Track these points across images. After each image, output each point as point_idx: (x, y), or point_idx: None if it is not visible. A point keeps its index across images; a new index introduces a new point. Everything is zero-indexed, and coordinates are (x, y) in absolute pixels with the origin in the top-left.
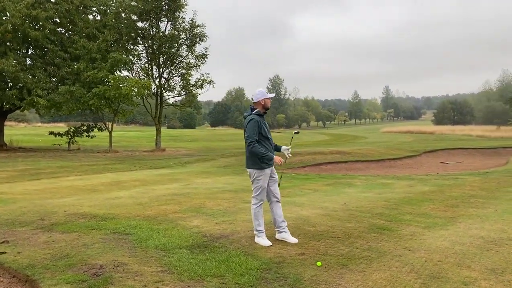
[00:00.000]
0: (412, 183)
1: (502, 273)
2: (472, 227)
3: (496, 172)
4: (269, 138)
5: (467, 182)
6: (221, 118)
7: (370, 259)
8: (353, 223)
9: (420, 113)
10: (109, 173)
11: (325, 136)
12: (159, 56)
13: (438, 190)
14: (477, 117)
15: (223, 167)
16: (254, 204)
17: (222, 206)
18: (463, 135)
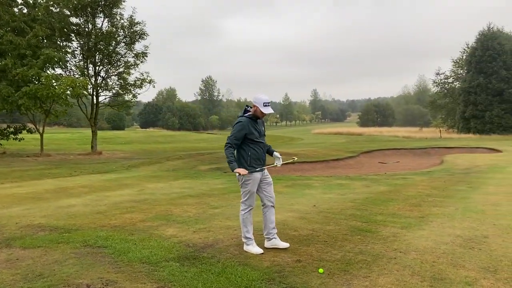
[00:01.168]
0: (367, 183)
1: (496, 271)
2: (445, 226)
3: (437, 171)
4: (259, 141)
5: (416, 181)
6: (151, 119)
7: (367, 263)
8: (332, 226)
9: (346, 115)
10: (49, 179)
11: None
12: (95, 53)
13: (394, 190)
14: (397, 119)
15: (172, 170)
16: (243, 210)
17: (191, 212)
18: (390, 136)
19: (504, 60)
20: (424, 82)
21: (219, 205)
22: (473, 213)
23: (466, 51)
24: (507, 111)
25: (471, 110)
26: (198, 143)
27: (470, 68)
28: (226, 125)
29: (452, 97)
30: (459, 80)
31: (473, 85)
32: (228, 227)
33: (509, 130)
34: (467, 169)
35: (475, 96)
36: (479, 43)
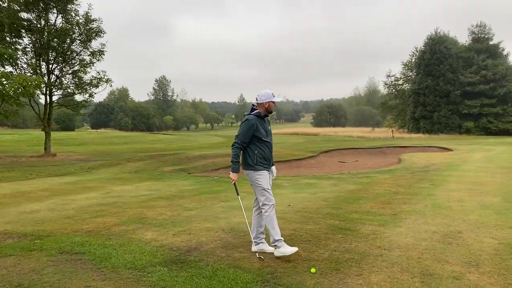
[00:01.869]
0: (334, 182)
1: (478, 265)
2: (419, 223)
3: (398, 170)
4: (267, 141)
5: (380, 180)
6: (103, 119)
7: (356, 261)
8: (312, 225)
9: (300, 116)
10: (3, 183)
11: (221, 138)
12: (48, 51)
13: (362, 188)
14: (349, 120)
15: (135, 172)
16: (266, 211)
17: (166, 215)
18: (345, 136)
19: (450, 63)
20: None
21: (193, 207)
22: (442, 209)
23: (415, 54)
24: (453, 111)
25: (421, 111)
26: (155, 144)
27: (419, 70)
28: (180, 125)
29: (402, 99)
30: (408, 82)
31: (422, 86)
32: (208, 229)
33: (455, 130)
34: (425, 167)
35: (424, 98)
36: (427, 47)
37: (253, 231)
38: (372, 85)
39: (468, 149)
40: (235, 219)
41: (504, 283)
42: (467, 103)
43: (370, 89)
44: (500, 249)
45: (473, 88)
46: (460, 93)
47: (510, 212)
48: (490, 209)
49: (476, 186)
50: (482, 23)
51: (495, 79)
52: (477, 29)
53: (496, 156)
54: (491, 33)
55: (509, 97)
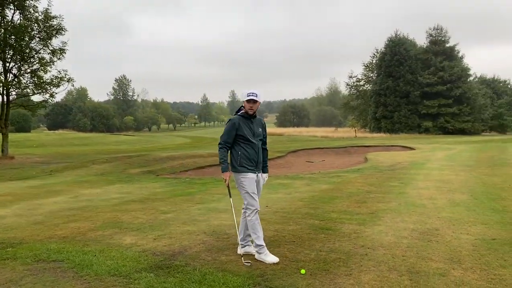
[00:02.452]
0: (307, 182)
1: (460, 261)
2: (397, 221)
3: (366, 169)
4: (252, 141)
5: (351, 179)
6: (60, 120)
7: (343, 261)
8: (293, 226)
9: (263, 116)
10: None
11: (186, 139)
12: (5, 49)
13: (335, 187)
14: (312, 120)
15: (101, 174)
16: (249, 216)
17: (142, 219)
18: (310, 136)
19: (409, 64)
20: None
21: (169, 210)
22: (416, 207)
23: (376, 56)
24: (413, 111)
25: (382, 111)
26: (118, 145)
27: (380, 71)
28: (141, 126)
29: (364, 99)
30: (370, 83)
31: (383, 87)
32: (189, 232)
33: (415, 129)
34: (392, 166)
35: (385, 98)
36: (388, 49)
37: (240, 233)
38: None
39: (429, 148)
40: (215, 221)
41: (487, 278)
42: (426, 104)
43: (331, 90)
44: (477, 244)
45: (431, 89)
46: (419, 94)
47: (479, 208)
48: (461, 206)
49: (443, 184)
50: (439, 26)
51: (452, 80)
52: (434, 32)
53: (457, 155)
54: (447, 36)
55: (464, 98)
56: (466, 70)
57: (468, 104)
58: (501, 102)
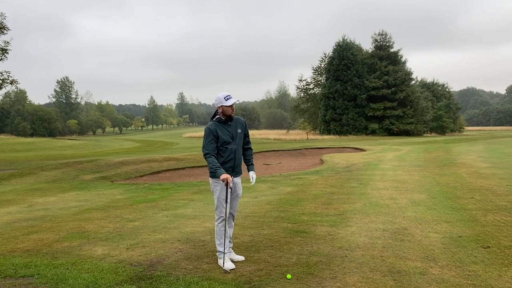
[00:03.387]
0: (271, 185)
1: (435, 260)
2: (366, 222)
3: (324, 170)
4: (230, 146)
5: (312, 181)
6: None
7: (325, 264)
8: (268, 230)
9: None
10: None
11: (135, 143)
12: None
13: (299, 190)
14: (262, 123)
15: (53, 182)
16: (216, 221)
17: (109, 227)
18: (262, 139)
19: (356, 69)
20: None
21: (135, 218)
22: (381, 208)
23: (324, 60)
24: (360, 114)
25: (331, 114)
26: (64, 150)
27: (329, 75)
28: (86, 129)
29: (314, 102)
30: (319, 86)
31: (332, 91)
32: (162, 240)
33: (362, 131)
34: (348, 167)
35: (333, 101)
36: (336, 53)
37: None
38: (282, 89)
39: (379, 149)
40: (187, 228)
41: (464, 275)
42: (372, 106)
43: (281, 93)
44: (447, 242)
45: (377, 92)
46: (366, 97)
47: (439, 207)
48: (422, 206)
49: (400, 184)
50: (383, 31)
51: (396, 84)
52: (379, 37)
53: (406, 155)
54: (391, 41)
55: (408, 101)
56: (409, 74)
57: (411, 107)
58: (440, 104)
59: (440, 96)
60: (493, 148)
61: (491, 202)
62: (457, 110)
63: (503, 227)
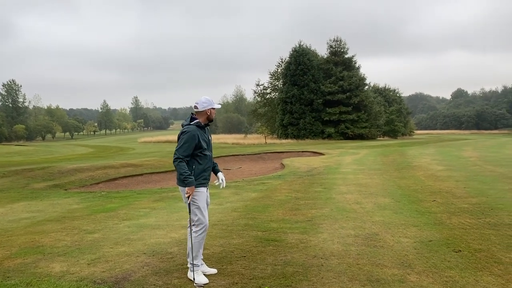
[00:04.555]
0: (234, 191)
1: (411, 266)
2: (336, 227)
3: (286, 175)
4: (207, 154)
5: (276, 186)
6: None
7: (302, 274)
8: (237, 239)
9: (169, 123)
10: None
11: (88, 148)
12: None
13: (264, 195)
14: (219, 127)
15: (0, 191)
16: (195, 232)
17: (66, 241)
18: (220, 143)
19: (313, 74)
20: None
21: (94, 229)
22: (348, 213)
23: (281, 65)
24: (316, 118)
25: (288, 118)
26: (11, 157)
27: (286, 80)
28: (34, 135)
29: (271, 106)
30: (276, 91)
31: (289, 95)
32: (126, 254)
33: (319, 135)
34: (309, 171)
35: (291, 106)
36: (292, 58)
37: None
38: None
39: (337, 153)
40: (152, 239)
41: (441, 281)
42: (328, 111)
43: (237, 97)
44: (419, 247)
45: (333, 97)
46: (322, 102)
47: (405, 211)
48: (388, 210)
49: (363, 187)
50: (338, 38)
51: (350, 89)
52: (334, 43)
53: (364, 159)
54: (346, 47)
55: (362, 105)
56: (363, 79)
57: (365, 111)
58: (392, 109)
59: (392, 101)
60: (444, 151)
61: (453, 205)
62: (407, 115)
63: (470, 230)
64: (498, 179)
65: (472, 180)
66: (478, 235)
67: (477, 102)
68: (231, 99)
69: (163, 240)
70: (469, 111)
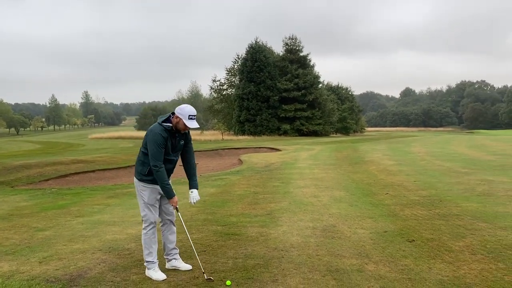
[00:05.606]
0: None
1: (368, 256)
2: (295, 220)
3: (243, 170)
4: (169, 157)
5: (234, 181)
6: None
7: (264, 266)
8: (197, 234)
9: (121, 118)
10: None
11: (35, 144)
12: None
13: (223, 190)
14: None
15: None
16: (144, 229)
17: (14, 239)
18: None
19: (269, 71)
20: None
21: (45, 227)
22: (306, 206)
23: (237, 61)
24: (273, 115)
25: (245, 115)
26: None
27: (242, 77)
28: None
29: (228, 103)
30: (233, 87)
31: (245, 92)
32: (81, 251)
33: (275, 132)
34: (266, 166)
35: (247, 102)
36: (249, 55)
37: (164, 248)
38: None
39: (293, 149)
40: (108, 236)
41: (397, 269)
42: (284, 108)
43: (193, 93)
44: (375, 238)
45: (288, 94)
46: (278, 99)
47: (360, 203)
48: (343, 202)
49: (319, 182)
50: (293, 36)
51: (305, 86)
52: (290, 41)
53: (319, 154)
54: (301, 45)
55: (316, 103)
56: (317, 77)
57: (320, 109)
58: (345, 107)
59: (344, 99)
60: (394, 147)
61: (405, 197)
62: (359, 112)
63: (422, 221)
64: (445, 173)
65: (421, 174)
66: (430, 226)
67: (424, 100)
68: (186, 94)
69: (120, 237)
70: (416, 109)
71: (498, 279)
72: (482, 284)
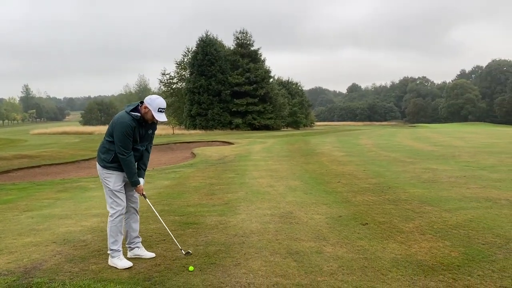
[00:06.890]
0: (146, 180)
1: (325, 239)
2: (253, 208)
3: (198, 163)
4: (136, 147)
5: (188, 173)
6: None
7: (225, 252)
8: (154, 224)
9: (65, 113)
10: None
11: None
12: None
13: (178, 183)
14: None
15: None
16: (110, 216)
17: None
18: None
19: (220, 65)
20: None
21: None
22: (263, 195)
23: (187, 55)
24: (225, 109)
25: (196, 109)
26: None
27: (193, 70)
28: None
29: (178, 97)
30: (183, 81)
31: (196, 86)
32: (33, 244)
33: (227, 126)
34: (221, 159)
35: (199, 96)
36: (199, 48)
37: (127, 237)
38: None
39: (246, 142)
40: (61, 229)
41: (354, 250)
42: (236, 102)
43: (141, 87)
44: (330, 222)
45: (240, 88)
46: (230, 93)
47: (314, 191)
48: (298, 191)
49: (273, 172)
50: (244, 30)
51: (257, 81)
52: (241, 35)
53: (272, 147)
54: (252, 39)
55: (267, 97)
56: (268, 72)
57: (271, 103)
58: (295, 101)
59: (295, 94)
60: (343, 140)
61: (356, 185)
62: (308, 107)
63: (373, 206)
64: (392, 163)
65: (370, 164)
66: (381, 210)
67: (369, 96)
68: (134, 88)
69: (74, 229)
70: (362, 104)
71: (445, 255)
72: (432, 260)
